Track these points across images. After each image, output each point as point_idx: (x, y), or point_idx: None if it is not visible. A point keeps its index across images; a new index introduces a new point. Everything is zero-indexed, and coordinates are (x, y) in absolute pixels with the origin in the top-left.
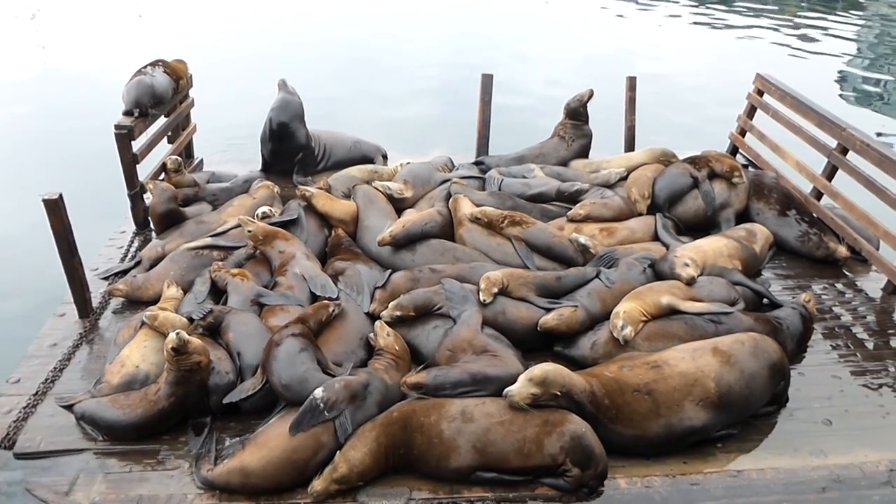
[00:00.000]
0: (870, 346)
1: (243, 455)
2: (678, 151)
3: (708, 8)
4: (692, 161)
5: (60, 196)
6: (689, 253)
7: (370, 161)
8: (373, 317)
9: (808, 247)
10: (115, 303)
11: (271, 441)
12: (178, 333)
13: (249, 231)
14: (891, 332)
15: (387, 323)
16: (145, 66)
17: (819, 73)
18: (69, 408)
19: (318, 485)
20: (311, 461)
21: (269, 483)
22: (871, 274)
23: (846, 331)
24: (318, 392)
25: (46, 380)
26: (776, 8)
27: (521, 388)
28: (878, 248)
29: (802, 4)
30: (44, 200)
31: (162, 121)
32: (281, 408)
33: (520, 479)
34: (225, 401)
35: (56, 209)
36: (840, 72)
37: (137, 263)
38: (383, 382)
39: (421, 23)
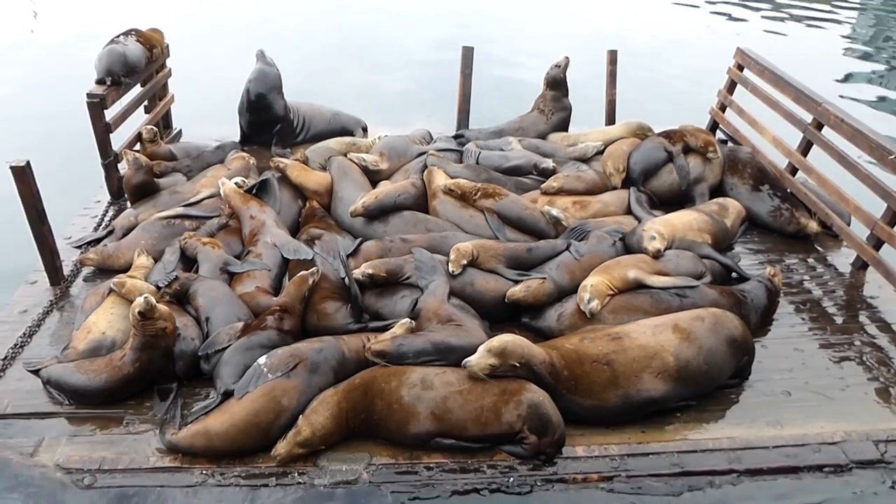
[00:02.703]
0: (838, 320)
1: (207, 420)
2: (659, 125)
3: None
4: (667, 135)
5: (28, 163)
6: (658, 227)
7: (350, 133)
8: None
9: (780, 222)
10: (87, 271)
11: (233, 406)
12: (146, 297)
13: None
14: (858, 306)
15: (356, 281)
16: (118, 35)
17: (809, 51)
18: (36, 372)
19: (281, 448)
20: (274, 424)
21: (232, 446)
22: (842, 249)
23: (814, 305)
24: (262, 359)
25: (16, 345)
26: None
27: (479, 359)
28: (848, 224)
29: None
30: (11, 167)
31: (138, 90)
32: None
33: (478, 445)
34: (200, 352)
35: (24, 176)
36: (831, 49)
37: (110, 233)
38: (340, 350)
39: None
